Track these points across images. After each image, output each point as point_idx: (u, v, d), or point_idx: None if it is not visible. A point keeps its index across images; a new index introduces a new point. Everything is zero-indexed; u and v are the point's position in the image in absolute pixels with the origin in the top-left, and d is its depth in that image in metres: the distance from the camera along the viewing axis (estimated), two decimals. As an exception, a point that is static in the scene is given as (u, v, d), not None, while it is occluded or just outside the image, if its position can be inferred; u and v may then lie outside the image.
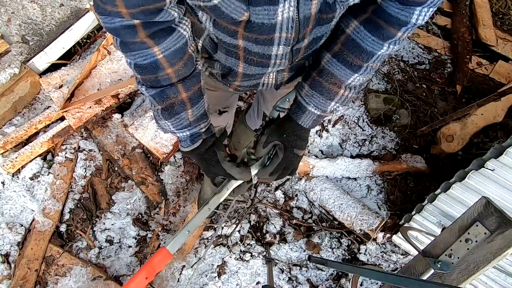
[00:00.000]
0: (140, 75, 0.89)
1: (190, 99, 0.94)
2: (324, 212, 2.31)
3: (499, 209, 0.98)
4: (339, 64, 0.92)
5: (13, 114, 2.32)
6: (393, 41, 0.87)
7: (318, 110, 0.99)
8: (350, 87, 0.96)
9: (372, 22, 0.86)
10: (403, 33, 0.85)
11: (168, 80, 0.90)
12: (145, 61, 0.84)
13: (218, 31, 0.86)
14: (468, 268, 1.01)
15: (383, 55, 0.91)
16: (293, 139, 1.03)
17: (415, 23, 0.82)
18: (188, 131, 0.99)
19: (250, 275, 2.13)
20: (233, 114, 1.56)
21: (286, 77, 1.07)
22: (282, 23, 0.76)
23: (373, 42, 0.87)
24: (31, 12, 2.43)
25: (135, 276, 0.95)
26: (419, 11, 0.79)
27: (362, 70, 0.92)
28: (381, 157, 2.50)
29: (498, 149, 1.56)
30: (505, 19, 3.10)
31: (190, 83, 0.93)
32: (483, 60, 2.86)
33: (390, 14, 0.81)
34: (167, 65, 0.86)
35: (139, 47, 0.82)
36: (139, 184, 2.25)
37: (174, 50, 0.85)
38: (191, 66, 0.92)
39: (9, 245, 2.04)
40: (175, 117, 0.95)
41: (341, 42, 0.91)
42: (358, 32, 0.87)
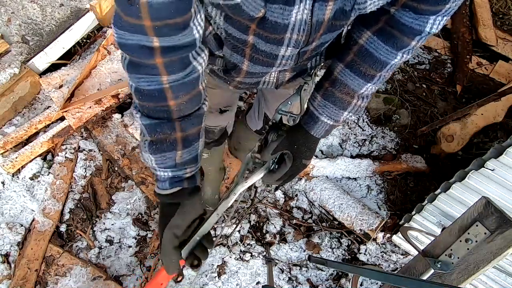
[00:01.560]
0: (139, 101, 0.82)
1: (184, 140, 0.87)
2: (324, 212, 2.31)
3: (499, 209, 0.97)
4: (352, 74, 0.92)
5: (13, 114, 2.32)
6: (406, 50, 0.86)
7: (331, 120, 0.99)
8: (362, 97, 0.96)
9: (386, 32, 0.85)
10: (417, 42, 0.85)
11: (167, 113, 0.83)
12: (149, 86, 0.78)
13: (229, 25, 0.84)
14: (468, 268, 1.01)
15: (396, 64, 0.90)
16: (303, 150, 1.02)
17: (429, 32, 0.81)
18: (171, 173, 0.89)
19: (250, 275, 2.13)
20: (234, 114, 1.56)
21: (288, 77, 1.07)
22: (294, 24, 0.75)
23: (386, 51, 0.87)
24: (31, 12, 2.43)
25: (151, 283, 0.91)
26: (433, 20, 0.79)
27: (375, 79, 0.92)
28: (381, 157, 2.50)
29: (498, 149, 1.56)
30: (505, 19, 3.10)
31: (189, 123, 0.86)
32: (483, 60, 2.86)
33: (404, 23, 0.81)
34: (170, 96, 0.80)
35: (149, 71, 0.75)
36: (139, 184, 2.25)
37: (183, 83, 0.80)
38: (196, 103, 0.87)
39: (9, 245, 2.04)
40: (161, 155, 0.86)
41: (354, 52, 0.90)
42: (371, 42, 0.87)
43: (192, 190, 0.92)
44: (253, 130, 2.00)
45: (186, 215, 0.89)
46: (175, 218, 0.88)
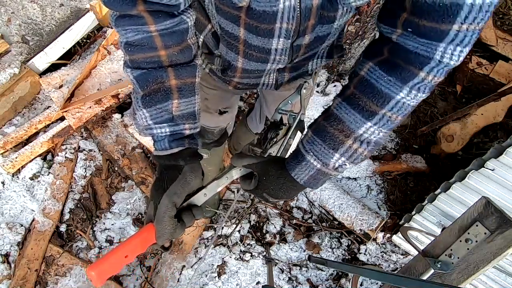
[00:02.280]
0: (129, 55, 0.79)
1: (180, 89, 0.82)
2: (324, 212, 2.31)
3: (499, 209, 0.97)
4: (349, 108, 0.78)
5: (13, 114, 2.32)
6: (415, 83, 0.72)
7: (318, 161, 0.81)
8: (361, 140, 0.79)
9: (389, 62, 0.75)
10: (427, 73, 0.71)
11: (159, 63, 0.80)
12: (137, 36, 0.76)
13: (221, 18, 0.84)
14: (468, 268, 1.01)
15: (404, 103, 0.75)
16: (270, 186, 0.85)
17: (440, 61, 0.69)
18: (168, 128, 0.83)
19: (250, 275, 2.13)
20: (234, 115, 1.56)
21: (287, 77, 1.07)
22: (283, 11, 0.75)
23: (389, 82, 0.74)
24: (31, 12, 2.43)
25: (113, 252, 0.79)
26: (444, 48, 0.67)
27: (376, 118, 0.76)
28: (381, 157, 2.50)
29: (498, 149, 1.56)
30: (505, 19, 3.10)
31: (183, 71, 0.82)
32: (483, 60, 2.86)
33: (408, 49, 0.71)
34: (161, 45, 0.77)
35: (134, 21, 0.75)
36: (139, 184, 2.25)
37: (172, 32, 0.78)
38: (188, 55, 0.83)
39: (9, 245, 2.04)
40: (156, 107, 0.81)
41: (354, 85, 0.79)
42: (372, 72, 0.76)
43: (193, 153, 0.87)
44: (254, 132, 2.01)
45: (186, 184, 0.83)
46: (175, 185, 0.82)
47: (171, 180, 0.82)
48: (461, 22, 0.63)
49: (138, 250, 0.82)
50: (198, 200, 0.88)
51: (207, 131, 1.45)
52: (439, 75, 0.71)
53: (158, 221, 0.81)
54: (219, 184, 0.91)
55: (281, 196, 0.86)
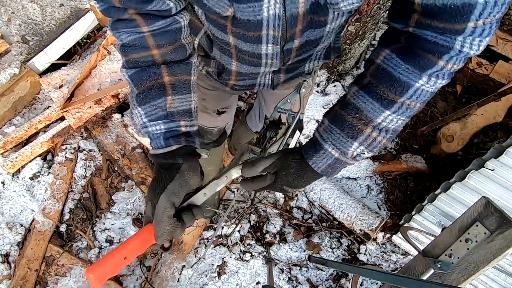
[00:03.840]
0: (125, 56, 0.81)
1: (173, 85, 0.82)
2: (324, 212, 2.31)
3: (499, 209, 0.97)
4: (367, 97, 0.77)
5: (13, 114, 2.32)
6: (434, 71, 0.71)
7: (337, 150, 0.80)
8: (380, 129, 0.78)
9: (406, 50, 0.73)
10: (446, 62, 0.69)
11: (152, 62, 0.81)
12: (130, 37, 0.78)
13: (210, 24, 0.85)
14: (468, 268, 1.01)
15: (424, 90, 0.74)
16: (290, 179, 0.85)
17: (460, 51, 0.67)
18: (163, 125, 0.82)
19: (250, 275, 2.13)
20: (233, 115, 1.56)
21: (283, 78, 1.07)
22: (268, 20, 0.74)
23: (407, 70, 0.72)
24: (31, 12, 2.43)
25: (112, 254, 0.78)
26: (463, 39, 0.66)
27: (395, 106, 0.75)
28: (381, 157, 2.50)
29: (498, 149, 1.56)
30: (505, 19, 3.10)
31: (177, 68, 0.82)
32: (483, 60, 2.85)
33: (426, 39, 0.69)
34: (153, 44, 0.79)
35: (127, 24, 0.77)
36: (139, 184, 2.25)
37: (164, 32, 0.79)
38: (182, 54, 0.84)
39: (9, 245, 2.04)
40: (150, 104, 0.81)
41: (370, 74, 0.78)
42: (389, 60, 0.75)
43: (191, 151, 0.85)
44: (253, 131, 2.01)
45: (185, 182, 0.81)
46: (173, 184, 0.80)
47: (169, 179, 0.80)
48: (475, 19, 0.62)
49: (137, 251, 0.81)
50: (198, 199, 0.88)
51: (206, 131, 1.45)
52: (458, 62, 0.70)
53: (157, 221, 0.80)
54: (219, 184, 0.90)
55: (301, 185, 0.87)
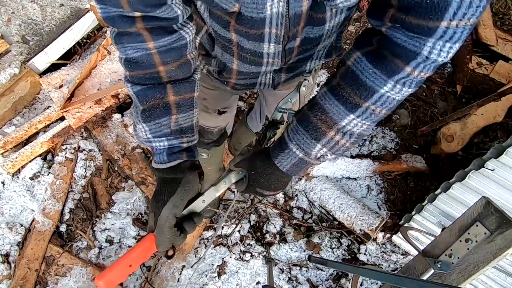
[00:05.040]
0: (129, 71, 0.82)
1: (178, 104, 0.85)
2: (324, 212, 2.31)
3: (499, 209, 0.97)
4: (332, 99, 0.77)
5: (13, 114, 2.32)
6: (400, 78, 0.71)
7: (301, 151, 0.81)
8: (344, 132, 0.79)
9: (376, 53, 0.73)
10: (413, 68, 0.69)
11: (158, 79, 0.82)
12: (136, 53, 0.78)
13: (213, 21, 0.84)
14: (468, 268, 1.01)
15: (389, 97, 0.74)
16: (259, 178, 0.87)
17: (428, 57, 0.67)
18: (167, 142, 0.86)
19: (250, 275, 2.13)
20: (233, 115, 1.56)
21: (284, 78, 1.07)
22: (271, 18, 0.75)
23: (374, 75, 0.72)
24: (31, 12, 2.43)
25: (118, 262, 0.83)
26: (433, 44, 0.65)
27: (359, 111, 0.75)
28: (381, 157, 2.50)
29: (498, 149, 1.56)
30: (505, 19, 3.10)
31: (181, 88, 0.85)
32: (483, 60, 2.85)
33: (396, 42, 0.69)
34: (159, 62, 0.80)
35: (133, 39, 0.77)
36: (139, 184, 2.25)
37: (170, 49, 0.80)
38: (187, 71, 0.85)
39: (9, 245, 2.04)
40: (155, 121, 0.84)
41: (340, 75, 0.78)
42: (358, 63, 0.75)
43: (191, 165, 0.89)
44: (254, 131, 2.01)
45: (185, 195, 0.86)
46: (174, 198, 0.84)
47: (170, 193, 0.85)
48: (449, 18, 0.61)
49: (141, 259, 0.86)
50: (197, 207, 0.90)
51: (207, 131, 1.45)
52: (425, 70, 0.70)
53: (159, 232, 0.85)
54: (218, 190, 0.93)
55: (274, 187, 0.88)
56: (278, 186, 0.89)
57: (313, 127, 0.79)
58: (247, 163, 0.88)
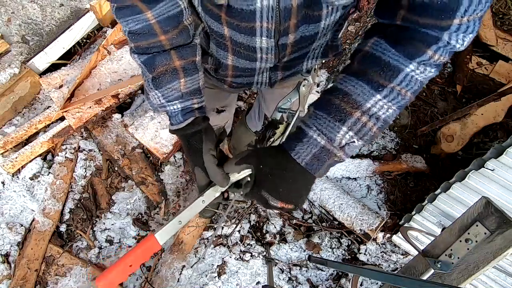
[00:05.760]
0: (133, 42, 0.87)
1: (184, 68, 0.89)
2: (324, 212, 2.31)
3: (499, 209, 0.97)
4: (355, 80, 0.72)
5: (13, 114, 2.32)
6: (422, 60, 0.69)
7: (323, 136, 0.71)
8: (370, 114, 0.71)
9: (395, 37, 0.71)
10: (433, 52, 0.68)
11: (161, 47, 0.87)
12: (138, 25, 0.83)
13: (206, 15, 0.87)
14: (468, 268, 1.01)
15: (413, 77, 0.71)
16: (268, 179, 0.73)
17: (449, 42, 0.67)
18: (180, 104, 0.91)
19: (250, 275, 2.13)
20: (232, 114, 1.56)
21: (280, 76, 1.07)
22: (262, 11, 0.75)
23: (396, 55, 0.70)
24: (31, 12, 2.43)
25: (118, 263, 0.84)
26: (450, 34, 0.66)
27: (386, 91, 0.71)
28: (381, 157, 2.50)
29: (498, 149, 1.56)
30: (505, 19, 3.10)
31: (184, 52, 0.89)
32: (483, 60, 2.85)
33: (415, 29, 0.68)
34: (160, 31, 0.84)
35: (131, 11, 0.81)
36: (139, 184, 2.25)
37: (168, 17, 0.83)
38: (186, 37, 0.89)
39: (9, 245, 2.04)
40: (166, 87, 0.89)
41: (358, 61, 0.75)
42: (377, 45, 0.72)
43: (204, 118, 0.95)
44: (253, 131, 2.00)
45: (211, 139, 0.91)
46: (206, 143, 0.89)
47: (200, 143, 0.89)
48: (461, 16, 0.62)
49: (141, 259, 0.87)
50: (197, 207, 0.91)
51: None
52: (445, 54, 0.69)
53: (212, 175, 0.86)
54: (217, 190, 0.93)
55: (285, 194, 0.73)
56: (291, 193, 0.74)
57: (336, 109, 0.71)
58: (255, 158, 0.77)
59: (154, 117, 2.27)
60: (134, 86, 2.29)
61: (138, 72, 2.34)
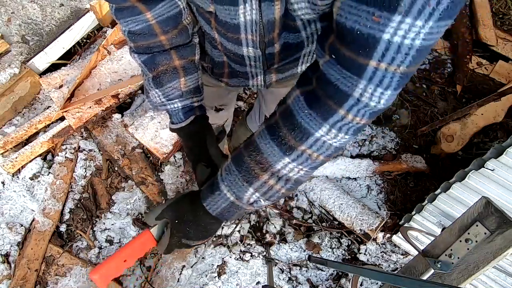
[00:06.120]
0: (133, 42, 0.87)
1: (184, 67, 0.91)
2: (324, 212, 2.31)
3: (499, 209, 0.97)
4: (269, 139, 0.72)
5: (13, 114, 2.32)
6: (336, 122, 0.66)
7: (232, 193, 0.75)
8: (279, 176, 0.73)
9: (313, 93, 0.68)
10: (346, 111, 0.65)
11: (161, 47, 0.88)
12: (137, 26, 0.83)
13: (199, 16, 0.88)
14: (468, 268, 1.01)
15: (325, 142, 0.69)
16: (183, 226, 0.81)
17: (359, 99, 0.63)
18: (180, 103, 0.93)
19: (250, 275, 2.13)
20: (231, 113, 1.56)
21: (275, 78, 1.08)
22: (246, 25, 0.76)
23: (309, 116, 0.67)
24: (31, 12, 2.43)
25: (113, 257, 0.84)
26: (364, 86, 0.61)
27: (294, 154, 0.70)
28: (381, 157, 2.50)
29: (498, 149, 1.56)
30: (505, 19, 3.10)
31: (184, 52, 0.90)
32: (483, 60, 2.85)
33: (329, 80, 0.64)
34: (160, 31, 0.85)
35: (131, 12, 0.81)
36: (139, 184, 2.25)
37: (167, 17, 0.84)
38: (186, 36, 0.90)
39: (9, 245, 2.04)
40: (167, 86, 0.90)
41: (279, 113, 0.74)
42: (296, 102, 0.70)
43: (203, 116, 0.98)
44: (253, 131, 2.00)
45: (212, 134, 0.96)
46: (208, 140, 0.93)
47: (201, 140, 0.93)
48: (378, 59, 0.58)
49: (136, 254, 0.87)
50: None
51: None
52: (360, 116, 0.65)
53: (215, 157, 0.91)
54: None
55: (202, 235, 0.81)
56: (206, 234, 0.82)
57: (246, 169, 0.73)
58: (170, 211, 0.82)
59: (154, 117, 2.27)
60: (134, 86, 2.29)
61: (138, 72, 2.34)
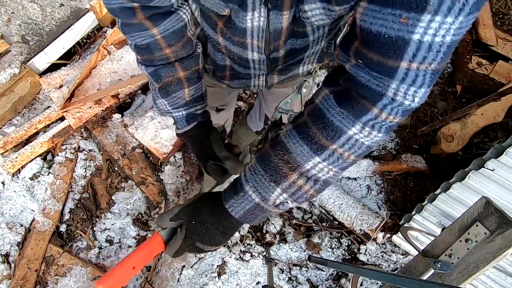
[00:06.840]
0: (140, 56, 0.92)
1: (188, 78, 0.95)
2: (324, 212, 2.31)
3: (499, 209, 0.98)
4: (297, 138, 0.70)
5: (13, 114, 2.32)
6: (368, 119, 0.65)
7: (257, 195, 0.72)
8: (308, 176, 0.70)
9: (343, 93, 0.68)
10: (380, 110, 0.64)
11: (166, 60, 0.91)
12: (144, 41, 0.87)
13: (203, 21, 0.90)
14: (468, 268, 1.01)
15: (357, 140, 0.67)
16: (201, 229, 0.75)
17: (393, 99, 0.62)
18: (184, 111, 0.99)
19: (250, 275, 2.13)
20: (232, 113, 1.57)
21: (276, 80, 1.08)
22: (252, 30, 0.78)
23: (341, 115, 0.66)
24: (31, 12, 2.43)
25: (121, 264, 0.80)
26: (397, 86, 0.61)
27: (325, 153, 0.68)
28: (381, 157, 2.50)
29: (498, 149, 1.57)
30: (505, 19, 3.10)
31: (188, 63, 0.94)
32: (483, 60, 2.85)
33: (360, 81, 0.64)
34: (165, 45, 0.88)
35: (138, 28, 0.84)
36: (139, 184, 2.25)
37: (172, 32, 0.87)
38: (189, 48, 0.93)
39: (9, 245, 2.04)
40: (172, 96, 0.95)
41: (307, 112, 0.72)
42: (326, 100, 0.69)
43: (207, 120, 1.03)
44: (254, 131, 2.00)
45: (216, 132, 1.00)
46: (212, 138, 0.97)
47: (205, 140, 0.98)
48: (409, 60, 0.57)
49: (145, 261, 0.84)
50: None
51: None
52: (394, 114, 0.65)
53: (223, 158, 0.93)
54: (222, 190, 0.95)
55: (218, 239, 0.76)
56: (222, 238, 0.76)
57: (273, 168, 0.70)
58: (188, 211, 0.76)
59: (154, 117, 2.27)
60: (134, 86, 2.29)
61: (138, 72, 2.34)
